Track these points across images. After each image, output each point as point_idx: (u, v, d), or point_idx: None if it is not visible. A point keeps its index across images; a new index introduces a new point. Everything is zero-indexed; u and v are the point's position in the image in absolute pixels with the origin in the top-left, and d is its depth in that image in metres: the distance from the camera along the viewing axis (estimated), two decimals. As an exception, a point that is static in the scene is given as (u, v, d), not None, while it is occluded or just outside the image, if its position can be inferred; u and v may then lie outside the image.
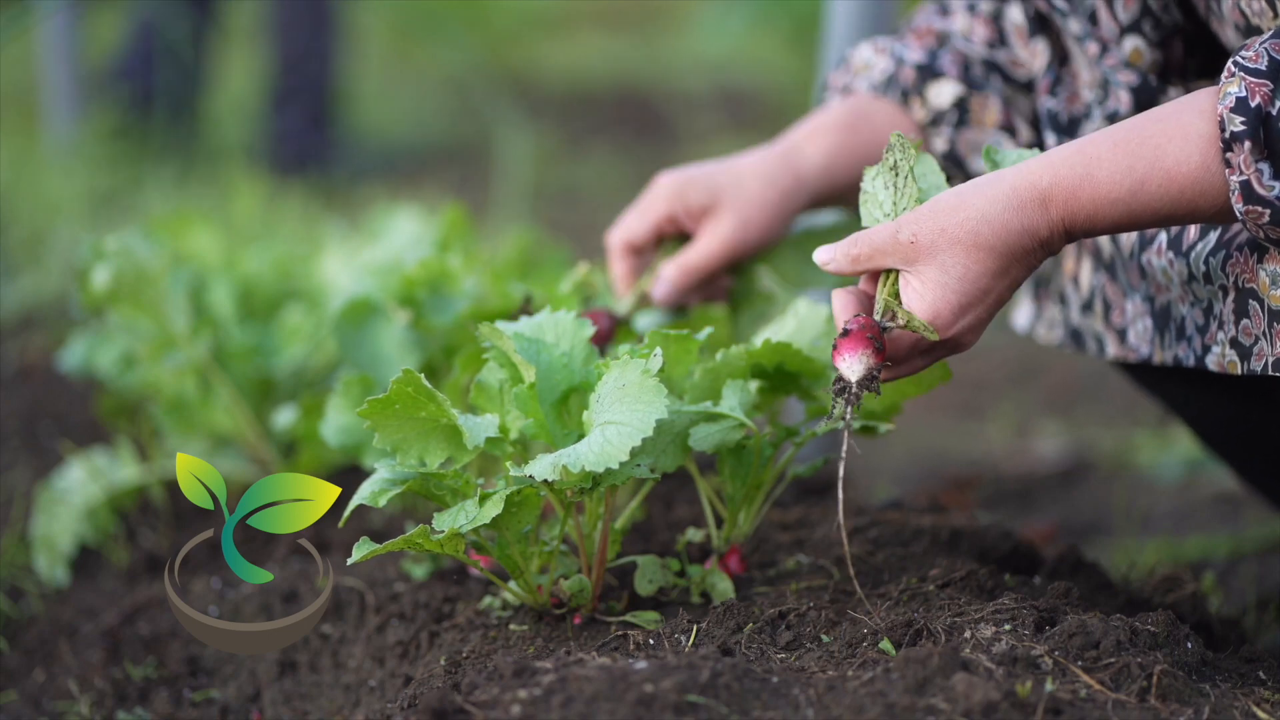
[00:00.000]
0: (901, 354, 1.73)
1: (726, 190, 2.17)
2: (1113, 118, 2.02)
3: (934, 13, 2.26)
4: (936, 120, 2.18)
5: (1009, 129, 2.18)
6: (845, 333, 1.69)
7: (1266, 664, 1.77)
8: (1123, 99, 2.01)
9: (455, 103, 7.18)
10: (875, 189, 1.78)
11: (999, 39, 2.19)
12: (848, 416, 1.68)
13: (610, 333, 2.17)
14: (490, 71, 7.49)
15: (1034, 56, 2.14)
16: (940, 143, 2.19)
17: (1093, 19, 2.01)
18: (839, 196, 2.22)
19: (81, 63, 5.73)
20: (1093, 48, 2.02)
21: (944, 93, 2.18)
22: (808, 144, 2.19)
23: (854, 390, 1.67)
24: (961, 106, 2.18)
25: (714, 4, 8.15)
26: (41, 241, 4.38)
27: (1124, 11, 1.99)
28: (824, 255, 1.76)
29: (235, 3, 6.39)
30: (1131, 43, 1.99)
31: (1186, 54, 2.03)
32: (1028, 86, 2.19)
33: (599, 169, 6.33)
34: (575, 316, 1.89)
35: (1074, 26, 2.04)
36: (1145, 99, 1.99)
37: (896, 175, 1.77)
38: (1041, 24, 2.13)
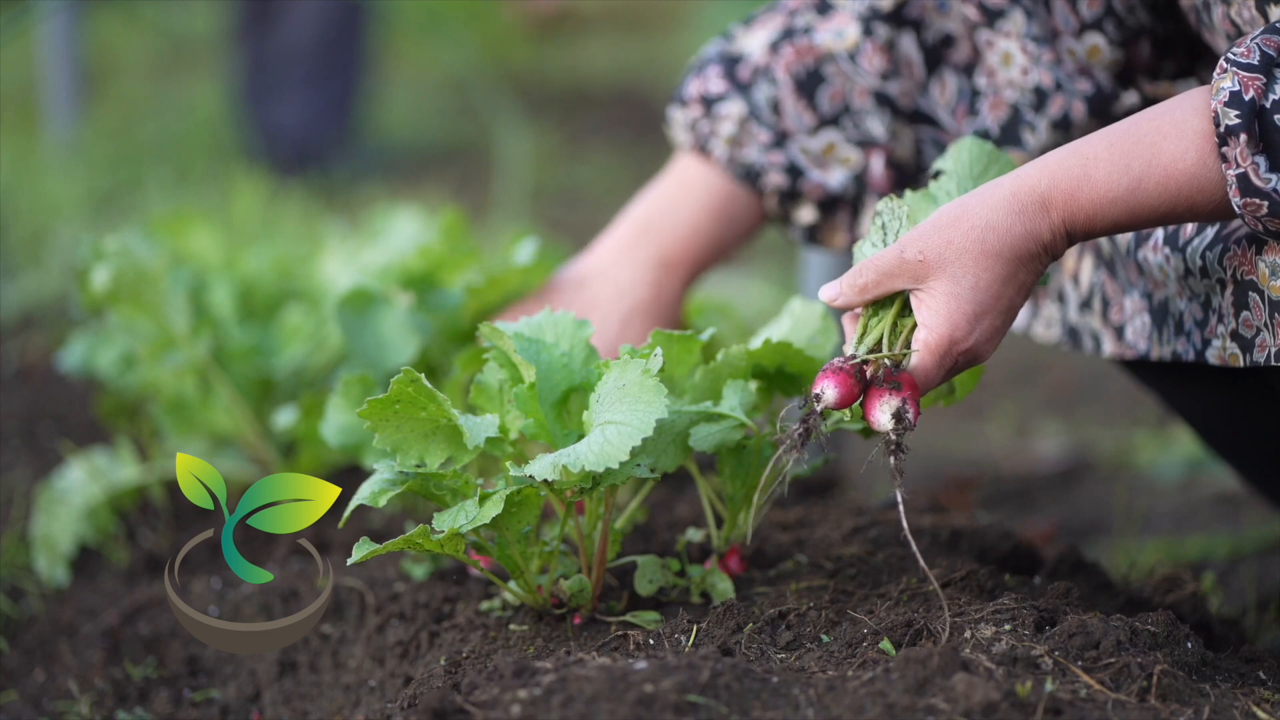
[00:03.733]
0: (934, 379, 1.73)
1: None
2: (1062, 123, 2.03)
3: (812, 6, 2.26)
4: (792, 224, 2.32)
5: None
6: (863, 391, 1.70)
7: (1266, 664, 1.77)
8: (1077, 109, 2.02)
9: (455, 103, 7.17)
10: (864, 253, 1.81)
11: (893, 69, 2.21)
12: (893, 466, 1.68)
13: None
14: (490, 71, 7.48)
15: (942, 91, 2.16)
16: (796, 234, 2.33)
17: (1048, 7, 2.02)
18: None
19: (81, 63, 5.72)
20: (1048, 54, 2.04)
21: (804, 215, 2.29)
22: (675, 244, 2.31)
23: (892, 438, 1.69)
24: (814, 228, 2.30)
25: (714, 4, 8.14)
26: (41, 241, 4.37)
27: (1087, 9, 2.00)
28: (830, 292, 1.76)
29: None
30: (1091, 39, 2.01)
31: (1159, 56, 2.04)
32: (925, 117, 2.22)
33: (599, 169, 6.32)
34: (575, 317, 1.89)
35: (1023, 26, 2.05)
36: (1100, 108, 2.00)
37: (886, 233, 1.80)
38: (947, 43, 2.14)
